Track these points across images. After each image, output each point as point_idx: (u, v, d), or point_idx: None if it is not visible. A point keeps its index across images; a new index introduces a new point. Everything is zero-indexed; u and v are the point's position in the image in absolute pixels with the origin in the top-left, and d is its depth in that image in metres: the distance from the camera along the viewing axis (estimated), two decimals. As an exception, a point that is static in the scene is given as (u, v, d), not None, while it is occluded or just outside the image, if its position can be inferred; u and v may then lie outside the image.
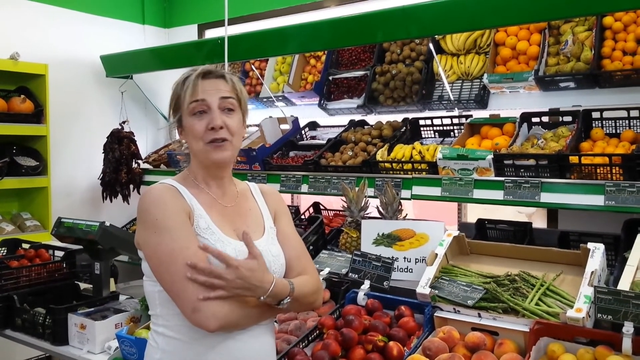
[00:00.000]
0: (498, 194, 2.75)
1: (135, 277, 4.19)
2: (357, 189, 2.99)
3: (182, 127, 1.68)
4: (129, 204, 4.70)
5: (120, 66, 4.76)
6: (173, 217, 1.55)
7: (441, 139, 3.52)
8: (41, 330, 2.71)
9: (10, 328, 2.87)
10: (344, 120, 4.01)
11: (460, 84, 3.59)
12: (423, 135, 3.60)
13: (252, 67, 4.60)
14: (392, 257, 2.57)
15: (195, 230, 1.58)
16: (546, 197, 2.62)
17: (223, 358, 1.58)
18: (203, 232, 1.59)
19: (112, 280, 3.08)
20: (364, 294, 2.40)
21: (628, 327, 1.81)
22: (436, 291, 2.23)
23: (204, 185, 1.70)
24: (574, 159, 2.62)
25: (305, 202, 4.47)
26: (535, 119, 3.12)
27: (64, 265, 3.11)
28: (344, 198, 3.02)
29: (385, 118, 3.79)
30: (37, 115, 4.22)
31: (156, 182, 1.69)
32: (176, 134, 5.36)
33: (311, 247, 2.96)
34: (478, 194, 2.81)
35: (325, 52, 4.22)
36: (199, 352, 1.57)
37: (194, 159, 1.71)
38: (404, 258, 2.68)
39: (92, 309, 2.73)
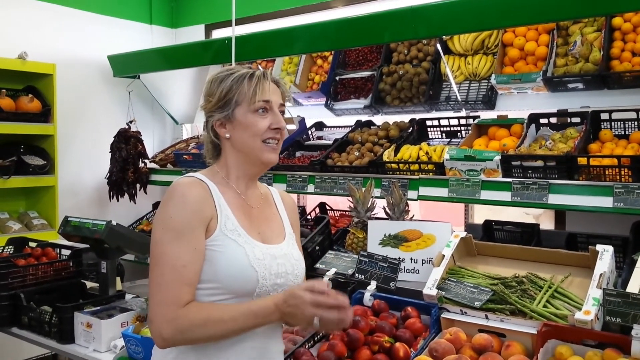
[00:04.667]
0: (505, 195, 2.73)
1: (142, 276, 4.20)
2: (363, 189, 2.98)
3: (232, 121, 1.63)
4: (135, 203, 4.71)
5: (128, 66, 4.77)
6: (185, 221, 1.53)
7: (448, 139, 3.51)
8: (47, 329, 2.72)
9: (17, 326, 2.88)
10: (350, 120, 4.00)
11: (467, 85, 3.57)
12: (430, 136, 3.59)
13: (259, 67, 4.60)
14: (399, 258, 2.56)
15: (221, 230, 1.57)
16: (554, 199, 2.61)
17: (237, 357, 1.58)
18: (230, 233, 1.57)
19: (118, 279, 3.08)
20: (370, 295, 2.39)
21: (637, 330, 1.79)
22: (443, 292, 2.22)
23: (234, 184, 1.69)
24: (582, 161, 2.61)
25: (311, 202, 4.47)
26: (543, 120, 3.11)
27: (71, 264, 3.12)
28: (350, 198, 3.02)
29: (392, 118, 3.78)
30: (45, 114, 4.24)
31: (163, 181, 1.68)
32: (183, 134, 5.34)
33: (317, 248, 2.95)
34: (485, 195, 2.80)
35: (332, 52, 4.21)
36: (213, 352, 1.57)
37: (237, 156, 1.67)
38: (411, 259, 2.67)
39: (98, 308, 2.74)
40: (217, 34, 5.20)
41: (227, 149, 1.69)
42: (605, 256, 2.10)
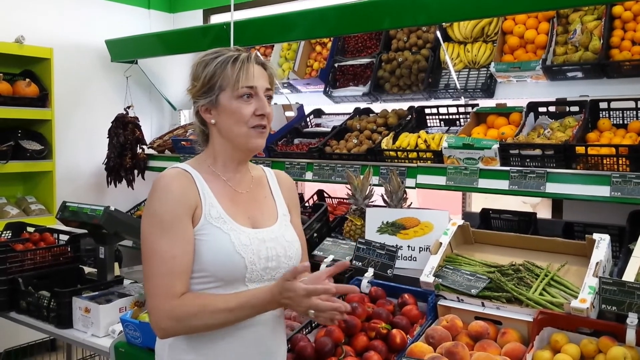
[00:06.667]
0: (503, 184, 2.74)
1: (140, 262, 4.19)
2: (361, 177, 2.98)
3: (217, 107, 1.62)
4: (133, 189, 4.71)
5: (125, 51, 4.75)
6: (169, 214, 1.53)
7: (447, 127, 3.51)
8: (46, 313, 2.73)
9: (15, 311, 2.89)
10: (349, 107, 3.99)
11: (467, 73, 3.57)
12: (429, 124, 3.59)
13: (257, 53, 4.57)
14: (396, 246, 2.56)
15: (206, 219, 1.57)
16: (551, 188, 2.61)
17: (236, 346, 1.60)
18: (215, 221, 1.57)
19: (116, 264, 3.09)
20: (368, 282, 2.40)
21: (632, 318, 1.80)
22: (440, 280, 2.23)
23: (221, 171, 1.68)
24: (580, 150, 2.61)
25: (309, 189, 4.47)
26: (542, 109, 3.11)
27: (69, 249, 3.12)
28: (348, 186, 3.02)
29: (390, 106, 3.77)
30: (42, 99, 4.22)
31: (160, 167, 1.68)
32: (181, 119, 5.31)
33: (315, 235, 2.96)
34: (483, 183, 2.80)
35: (331, 38, 4.19)
36: (212, 339, 1.58)
37: (223, 142, 1.66)
38: (408, 246, 2.68)
39: (97, 293, 2.75)
40: (216, 19, 5.17)
41: (213, 135, 1.68)
42: (602, 245, 2.11)
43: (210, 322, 1.51)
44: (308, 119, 4.14)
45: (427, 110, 3.58)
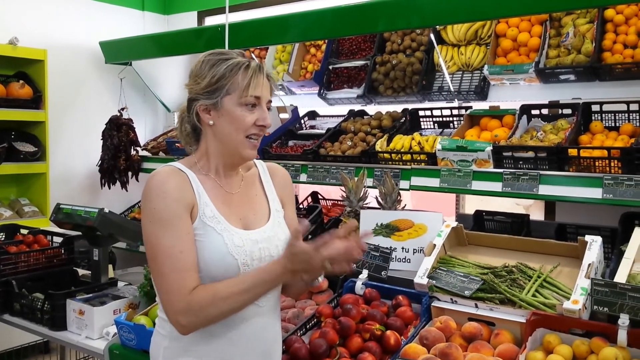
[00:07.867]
0: (496, 186, 2.76)
1: (133, 264, 4.20)
2: (356, 179, 2.99)
3: (219, 110, 1.60)
4: (127, 191, 4.70)
5: (120, 52, 4.74)
6: (169, 210, 1.52)
7: (440, 130, 3.52)
8: (39, 316, 2.72)
9: (9, 313, 2.88)
10: (343, 110, 4.00)
11: (460, 75, 3.59)
12: (422, 126, 3.60)
13: (252, 55, 4.58)
14: (391, 247, 2.58)
15: (200, 218, 1.57)
16: (544, 190, 2.63)
17: (232, 347, 1.60)
18: (209, 221, 1.57)
19: (110, 266, 3.08)
20: (362, 284, 2.40)
21: (624, 319, 1.82)
22: (434, 281, 2.24)
23: (213, 172, 1.67)
24: (572, 152, 2.63)
25: (303, 191, 4.47)
26: (534, 111, 3.13)
27: (63, 251, 3.11)
28: (343, 188, 3.03)
29: (384, 108, 3.78)
30: (36, 100, 4.21)
31: (154, 169, 1.65)
32: (175, 121, 5.31)
33: (309, 236, 2.96)
34: (476, 185, 2.82)
35: (326, 41, 4.20)
36: (208, 340, 1.58)
37: (217, 145, 1.64)
38: (402, 248, 2.69)
39: (91, 295, 2.74)
40: (210, 21, 5.17)
41: (208, 136, 1.65)
42: (594, 247, 2.12)
43: (228, 307, 1.50)
44: (302, 121, 4.15)
45: (421, 113, 3.59)
